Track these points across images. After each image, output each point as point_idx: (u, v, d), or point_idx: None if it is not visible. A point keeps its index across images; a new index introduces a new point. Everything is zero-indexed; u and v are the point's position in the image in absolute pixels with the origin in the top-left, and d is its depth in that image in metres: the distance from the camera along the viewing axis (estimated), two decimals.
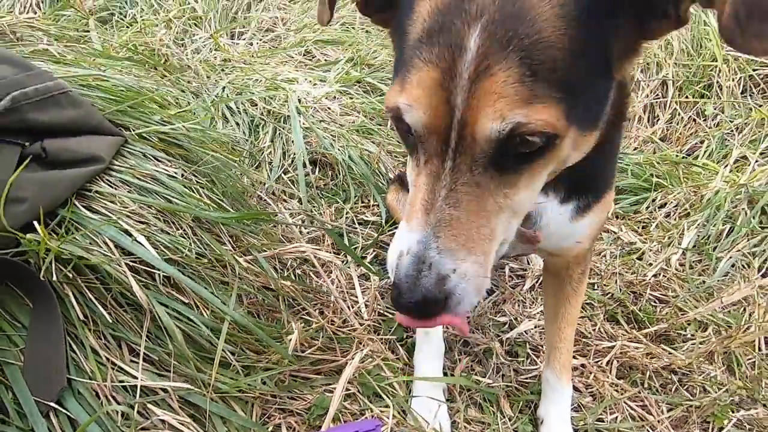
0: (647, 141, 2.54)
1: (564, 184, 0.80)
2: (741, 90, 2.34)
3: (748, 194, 1.73)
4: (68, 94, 0.95)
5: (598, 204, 0.87)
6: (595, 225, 0.91)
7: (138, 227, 0.94)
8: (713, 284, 1.52)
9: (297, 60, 2.62)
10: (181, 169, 1.11)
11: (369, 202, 1.84)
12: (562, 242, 0.91)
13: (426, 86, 0.53)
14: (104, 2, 2.74)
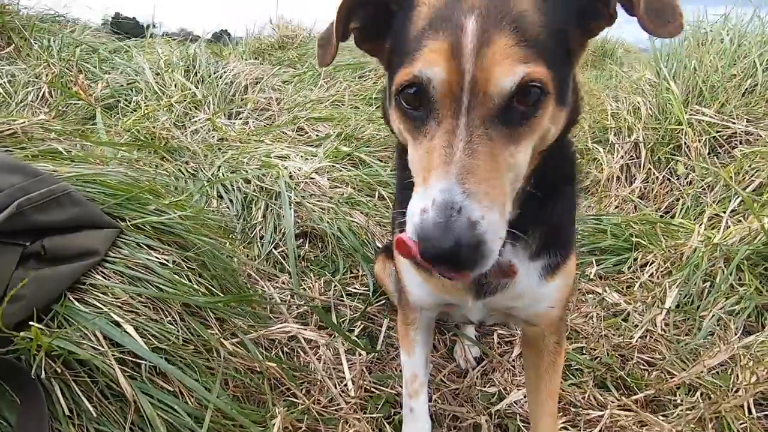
0: (626, 200, 2.65)
1: (533, 241, 0.86)
2: (708, 150, 2.48)
3: (723, 252, 1.79)
4: (70, 194, 1.04)
5: (565, 266, 0.92)
6: (564, 289, 0.95)
7: (128, 317, 0.98)
8: (698, 344, 1.53)
9: (290, 137, 2.80)
10: (172, 256, 1.17)
11: (358, 272, 1.89)
12: (535, 306, 0.95)
13: (439, 52, 0.61)
14: (111, 91, 2.96)
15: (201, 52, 3.30)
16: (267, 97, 3.16)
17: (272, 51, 5.64)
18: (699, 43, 3.02)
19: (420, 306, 1.06)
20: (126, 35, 4.86)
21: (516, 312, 0.97)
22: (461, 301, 0.94)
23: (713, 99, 2.60)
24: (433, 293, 0.96)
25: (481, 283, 0.88)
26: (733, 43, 2.85)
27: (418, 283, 0.98)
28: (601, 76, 5.55)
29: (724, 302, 1.64)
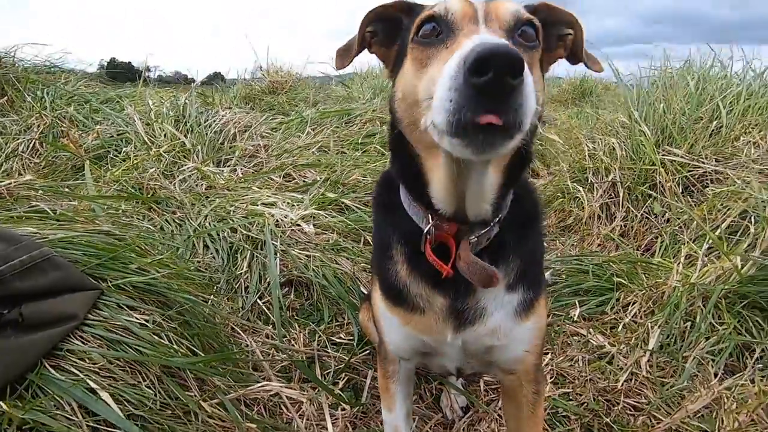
0: (608, 238, 2.71)
1: (511, 270, 0.91)
2: (681, 189, 2.58)
3: (701, 292, 1.83)
4: (50, 259, 1.05)
5: (537, 306, 0.95)
6: (537, 334, 0.98)
7: (104, 383, 0.97)
8: (683, 387, 1.54)
9: (277, 183, 2.85)
10: (153, 316, 1.17)
11: (344, 320, 1.89)
12: (511, 349, 0.96)
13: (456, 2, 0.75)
14: (101, 141, 3.02)
15: (191, 102, 3.40)
16: (255, 144, 3.24)
17: (263, 96, 5.82)
18: (666, 87, 3.20)
19: (399, 355, 1.07)
20: (121, 81, 5.00)
21: (493, 356, 0.98)
22: (440, 340, 0.95)
23: (683, 140, 2.73)
24: (412, 335, 0.97)
25: (460, 310, 0.91)
26: (697, 87, 3.02)
27: (396, 327, 0.99)
28: (580, 114, 5.78)
29: (704, 342, 1.66)
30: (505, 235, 0.89)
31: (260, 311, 1.81)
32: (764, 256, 1.81)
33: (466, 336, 0.93)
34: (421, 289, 0.92)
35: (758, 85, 2.89)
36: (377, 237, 1.05)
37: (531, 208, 0.98)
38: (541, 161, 4.70)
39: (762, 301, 1.73)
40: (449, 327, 0.92)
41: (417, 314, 0.93)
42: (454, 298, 0.90)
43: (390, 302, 0.97)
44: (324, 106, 4.40)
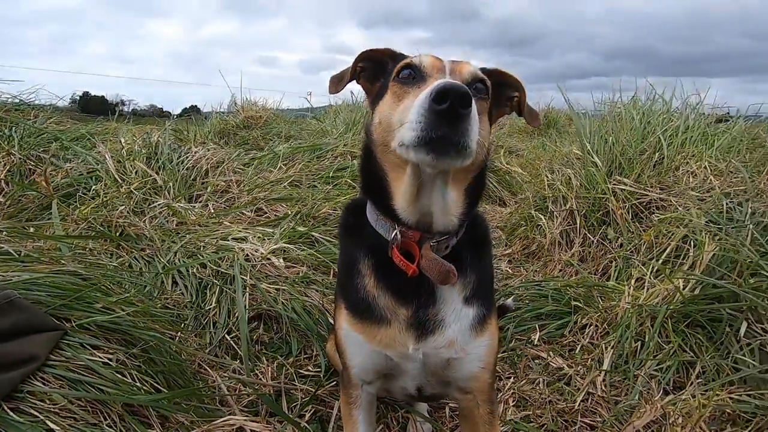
0: (568, 264, 2.85)
1: (468, 284, 1.03)
2: (631, 216, 2.76)
3: (648, 312, 1.95)
4: (12, 302, 1.08)
5: (490, 324, 1.06)
6: (491, 351, 1.07)
7: (65, 423, 0.99)
8: (633, 404, 1.62)
9: (249, 217, 2.90)
10: (117, 355, 1.19)
11: (312, 353, 1.92)
12: (467, 365, 1.04)
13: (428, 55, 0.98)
14: (71, 179, 3.02)
15: (164, 140, 3.45)
16: (227, 180, 3.30)
17: (237, 131, 5.91)
18: (615, 121, 3.46)
19: (361, 378, 1.12)
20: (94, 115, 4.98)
21: (451, 371, 1.05)
22: (402, 353, 1.02)
23: (630, 170, 2.94)
24: (376, 351, 1.04)
25: (420, 321, 1.00)
26: (642, 121, 3.28)
27: (360, 344, 1.05)
28: (542, 145, 6.09)
29: (652, 361, 1.76)
30: (463, 252, 1.02)
31: (228, 346, 1.83)
32: (703, 277, 1.96)
33: (427, 347, 1.00)
34: (387, 300, 1.01)
35: (693, 119, 3.16)
36: (343, 257, 1.15)
37: (483, 234, 1.12)
38: (508, 190, 4.92)
39: (702, 320, 1.86)
40: (411, 337, 1.00)
41: (383, 326, 1.01)
42: (416, 309, 1.00)
43: (355, 318, 1.04)
44: (297, 141, 4.51)
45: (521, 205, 3.68)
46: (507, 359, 2.00)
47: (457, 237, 1.00)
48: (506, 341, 2.09)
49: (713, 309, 1.84)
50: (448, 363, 1.03)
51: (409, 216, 0.97)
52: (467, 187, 0.99)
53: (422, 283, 0.99)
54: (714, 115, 3.55)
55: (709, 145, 2.97)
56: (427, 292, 0.99)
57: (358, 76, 1.13)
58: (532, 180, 3.96)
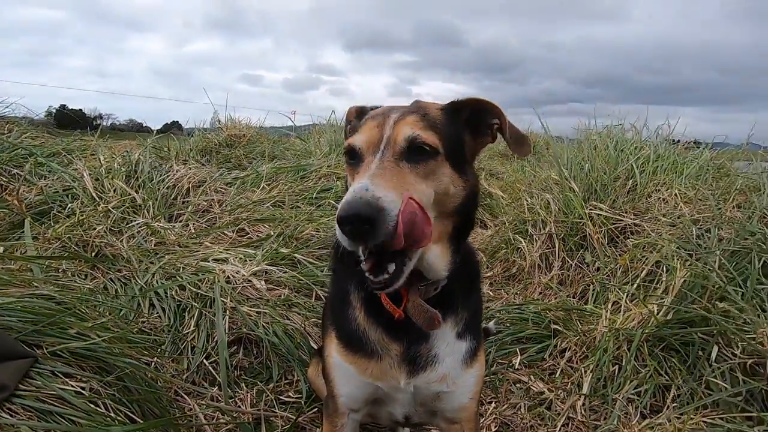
0: (547, 286, 2.90)
1: (460, 320, 1.04)
2: (607, 241, 2.84)
3: (625, 336, 2.00)
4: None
5: (480, 355, 1.08)
6: (479, 382, 1.09)
7: None
8: (612, 428, 1.64)
9: (230, 238, 2.86)
10: (90, 383, 1.15)
11: (293, 378, 1.88)
12: (458, 396, 1.06)
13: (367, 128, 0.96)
14: (45, 197, 2.93)
15: (145, 158, 3.41)
16: (209, 200, 3.26)
17: (220, 149, 5.86)
18: (591, 149, 3.60)
19: (349, 406, 1.11)
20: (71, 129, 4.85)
21: (440, 403, 1.06)
22: (393, 386, 1.02)
23: (606, 196, 3.05)
24: (366, 383, 1.04)
25: (413, 357, 1.01)
26: (616, 150, 3.42)
27: (351, 376, 1.05)
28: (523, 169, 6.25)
29: (630, 384, 1.80)
30: (453, 289, 1.03)
31: (206, 372, 1.78)
32: (676, 302, 2.03)
33: (418, 381, 1.01)
34: (378, 335, 1.02)
35: (664, 148, 3.31)
36: (335, 284, 1.16)
37: (473, 268, 1.13)
38: (489, 212, 5.00)
39: (676, 344, 1.91)
40: (403, 373, 1.01)
41: (374, 360, 1.01)
42: (408, 345, 1.01)
43: (346, 349, 1.04)
44: (281, 161, 4.50)
45: (501, 228, 3.74)
46: (489, 383, 2.00)
47: (447, 277, 1.00)
48: (488, 365, 2.10)
49: (686, 333, 1.89)
50: (439, 396, 1.04)
51: None
52: (450, 236, 0.98)
53: (410, 318, 0.98)
54: (684, 144, 3.74)
55: (679, 173, 3.11)
56: (419, 329, 0.98)
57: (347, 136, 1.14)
58: (513, 203, 4.05)
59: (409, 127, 0.93)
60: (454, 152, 0.97)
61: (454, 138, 0.98)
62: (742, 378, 1.64)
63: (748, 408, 1.58)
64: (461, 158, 0.99)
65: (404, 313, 0.96)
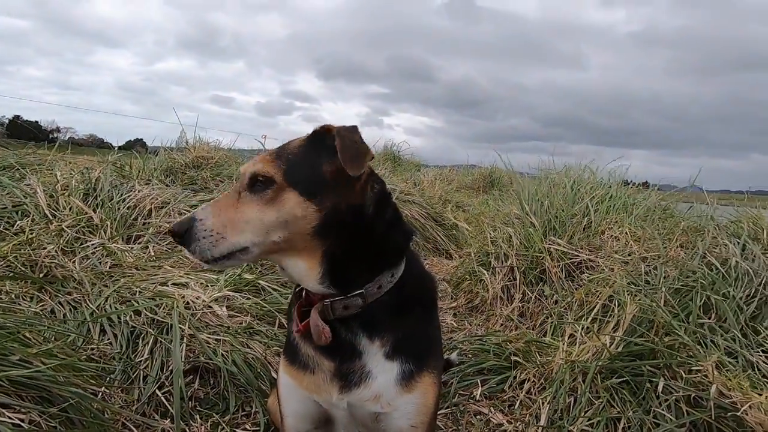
0: (508, 318, 2.97)
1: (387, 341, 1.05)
2: (564, 275, 2.97)
3: (580, 368, 2.07)
4: None
5: (421, 381, 1.06)
6: (423, 410, 1.07)
7: None
8: None
9: (192, 262, 2.78)
10: (30, 415, 1.08)
11: (251, 410, 1.82)
12: (397, 420, 1.05)
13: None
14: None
15: (105, 176, 3.30)
16: (172, 221, 3.17)
17: (186, 170, 5.73)
18: (550, 186, 3.80)
19: (296, 428, 1.12)
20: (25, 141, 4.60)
21: (381, 426, 1.06)
22: (328, 401, 1.05)
23: (563, 232, 3.21)
24: (305, 395, 1.08)
25: (345, 373, 1.04)
26: (573, 189, 3.63)
27: (291, 387, 1.10)
28: (488, 203, 6.47)
29: (583, 417, 1.85)
30: (376, 313, 1.05)
31: (159, 402, 1.69)
32: (626, 335, 2.14)
33: (352, 398, 1.02)
34: (308, 349, 1.07)
35: (615, 189, 3.55)
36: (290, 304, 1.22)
37: (415, 292, 1.13)
38: (455, 243, 5.12)
39: (627, 376, 2.00)
40: (335, 388, 1.03)
41: (308, 373, 1.06)
42: (341, 362, 1.04)
43: (288, 363, 1.10)
44: None
45: (466, 260, 3.83)
46: (450, 415, 2.01)
47: (366, 299, 1.03)
48: (450, 396, 2.11)
49: (636, 365, 1.99)
50: (377, 417, 1.05)
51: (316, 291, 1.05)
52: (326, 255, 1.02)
53: (344, 337, 1.03)
54: (634, 186, 4.02)
55: (629, 213, 3.33)
56: (349, 348, 1.03)
57: None
58: (477, 236, 4.17)
59: (252, 165, 1.06)
60: (306, 178, 1.03)
61: (304, 166, 1.04)
62: (686, 409, 1.73)
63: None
64: (313, 184, 1.03)
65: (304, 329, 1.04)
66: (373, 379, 1.03)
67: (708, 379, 1.78)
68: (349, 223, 1.02)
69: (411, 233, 1.14)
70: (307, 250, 1.01)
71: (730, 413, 1.64)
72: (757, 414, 1.61)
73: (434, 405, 1.11)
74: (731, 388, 1.71)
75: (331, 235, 1.01)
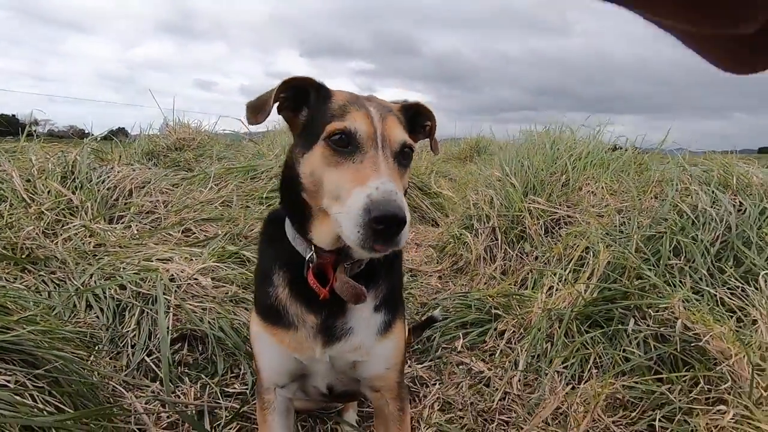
0: (492, 277, 3.05)
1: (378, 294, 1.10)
2: (544, 231, 3.04)
3: (557, 316, 2.16)
4: None
5: (395, 328, 1.13)
6: (396, 353, 1.13)
7: None
8: (542, 398, 1.78)
9: (176, 238, 2.80)
10: (15, 376, 1.12)
11: (240, 371, 1.88)
12: (374, 365, 1.11)
13: (361, 116, 0.96)
14: None
15: (83, 158, 3.26)
16: (153, 200, 3.17)
17: (167, 152, 5.67)
18: (530, 148, 3.83)
19: (274, 381, 1.15)
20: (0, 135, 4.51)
21: (358, 372, 1.11)
22: (310, 356, 1.07)
23: (542, 191, 3.26)
24: (285, 353, 1.08)
25: (328, 327, 1.05)
26: (552, 148, 3.66)
27: (270, 346, 1.09)
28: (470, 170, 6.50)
29: (559, 358, 1.95)
30: (377, 266, 1.09)
31: (148, 369, 1.74)
32: (600, 282, 2.22)
33: (333, 351, 1.06)
34: (297, 309, 1.06)
35: (593, 146, 3.59)
36: (260, 266, 1.18)
37: None
38: (440, 211, 5.17)
39: (600, 320, 2.09)
40: (319, 343, 1.05)
41: (291, 331, 1.06)
42: (326, 317, 1.06)
43: (266, 322, 1.08)
44: (230, 162, 4.43)
45: (450, 225, 3.89)
46: (434, 367, 2.09)
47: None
48: (432, 350, 2.19)
49: (608, 309, 2.08)
50: (354, 365, 1.09)
51: (326, 246, 1.01)
52: None
53: (332, 294, 1.03)
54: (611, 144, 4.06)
55: (605, 168, 3.38)
56: (338, 303, 1.03)
57: (280, 107, 1.07)
58: (461, 201, 4.22)
59: (399, 130, 0.99)
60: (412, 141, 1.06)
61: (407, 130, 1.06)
62: (654, 344, 1.83)
63: (659, 370, 1.76)
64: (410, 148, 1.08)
65: (329, 293, 1.01)
66: (354, 333, 1.06)
67: (675, 315, 1.87)
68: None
69: None
70: None
71: (694, 344, 1.74)
72: (719, 343, 1.70)
73: (404, 347, 1.17)
74: (695, 321, 1.80)
75: None
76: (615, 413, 1.67)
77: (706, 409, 1.55)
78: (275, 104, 1.04)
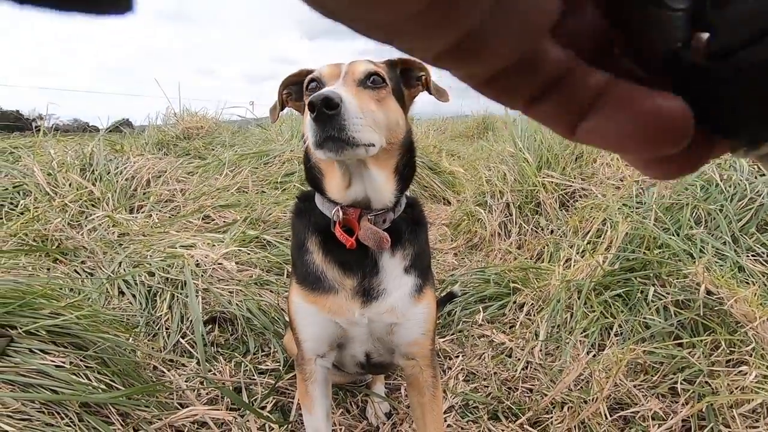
0: (507, 252, 3.08)
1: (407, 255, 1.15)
2: (559, 205, 3.05)
3: (575, 287, 2.19)
4: None
5: (427, 292, 1.18)
6: (429, 318, 1.18)
7: (19, 425, 0.98)
8: (564, 365, 1.82)
9: (196, 225, 2.86)
10: (69, 358, 1.18)
11: (270, 350, 1.95)
12: (410, 330, 1.16)
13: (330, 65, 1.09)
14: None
15: (99, 150, 3.31)
16: (171, 189, 3.22)
17: (177, 141, 5.71)
18: None
19: (315, 351, 1.19)
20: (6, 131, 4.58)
21: (394, 337, 1.16)
22: (350, 320, 1.12)
23: (557, 164, 3.25)
24: (326, 319, 1.13)
25: (364, 289, 1.11)
26: None
27: (311, 314, 1.14)
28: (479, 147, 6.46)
29: (579, 328, 1.99)
30: (402, 227, 1.15)
31: (183, 350, 1.82)
32: (618, 253, 2.24)
33: (371, 312, 1.11)
34: (334, 272, 1.12)
35: None
36: (294, 239, 1.24)
37: (420, 216, 1.25)
38: (452, 189, 5.17)
39: (619, 289, 2.12)
40: (357, 304, 1.11)
41: (331, 295, 1.11)
42: (361, 279, 1.11)
43: (306, 290, 1.14)
44: (242, 149, 4.46)
45: (463, 203, 3.90)
46: (456, 340, 2.15)
47: (395, 213, 1.12)
48: (454, 324, 2.24)
49: (627, 279, 2.10)
50: (391, 328, 1.14)
51: (346, 200, 1.10)
52: (395, 168, 1.12)
53: (366, 257, 1.10)
54: None
55: None
56: (371, 264, 1.10)
57: (286, 102, 1.25)
58: (472, 178, 4.22)
59: (365, 65, 1.08)
60: (397, 93, 1.12)
61: (395, 81, 1.14)
62: (674, 310, 1.86)
63: (680, 335, 1.80)
64: (402, 102, 1.14)
65: (355, 242, 1.08)
66: (389, 293, 1.12)
67: (696, 281, 1.89)
68: (410, 143, 1.14)
69: None
70: (385, 163, 1.08)
71: (717, 308, 1.76)
72: (743, 306, 1.73)
73: (435, 315, 1.22)
74: (719, 286, 1.82)
75: (405, 151, 1.12)
76: (636, 378, 1.71)
77: (728, 371, 1.58)
78: (282, 104, 1.25)
